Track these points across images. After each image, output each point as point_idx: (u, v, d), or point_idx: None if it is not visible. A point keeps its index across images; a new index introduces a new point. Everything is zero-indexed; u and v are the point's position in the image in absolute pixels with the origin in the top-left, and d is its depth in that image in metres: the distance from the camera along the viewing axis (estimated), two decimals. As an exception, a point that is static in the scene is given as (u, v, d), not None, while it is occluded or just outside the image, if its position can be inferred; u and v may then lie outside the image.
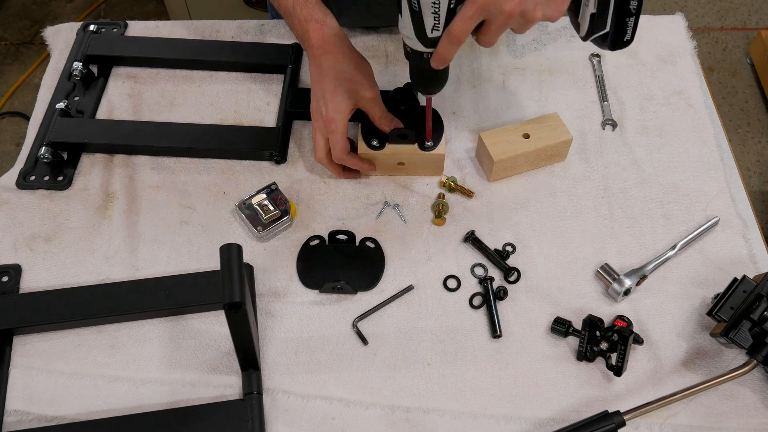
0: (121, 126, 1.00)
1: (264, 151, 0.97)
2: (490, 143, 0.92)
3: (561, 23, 1.13)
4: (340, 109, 0.88)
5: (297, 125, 1.03)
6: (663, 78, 1.08)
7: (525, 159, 0.94)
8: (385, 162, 0.95)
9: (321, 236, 0.91)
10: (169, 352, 0.83)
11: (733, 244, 0.91)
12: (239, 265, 0.67)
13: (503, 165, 0.93)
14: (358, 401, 0.80)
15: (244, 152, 0.98)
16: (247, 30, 1.13)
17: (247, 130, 1.00)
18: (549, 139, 0.93)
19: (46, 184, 0.96)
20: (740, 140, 2.27)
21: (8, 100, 2.36)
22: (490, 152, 0.92)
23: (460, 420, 0.79)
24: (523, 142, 0.93)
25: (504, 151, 0.92)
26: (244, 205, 0.92)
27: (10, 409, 0.79)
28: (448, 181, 0.95)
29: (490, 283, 0.86)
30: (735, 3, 2.64)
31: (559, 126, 0.94)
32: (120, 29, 1.12)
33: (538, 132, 0.94)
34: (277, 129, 1.00)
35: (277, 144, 0.97)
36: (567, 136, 0.94)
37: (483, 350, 0.83)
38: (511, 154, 0.92)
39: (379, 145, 0.92)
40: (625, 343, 0.78)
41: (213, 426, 0.76)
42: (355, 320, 0.85)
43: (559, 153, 0.96)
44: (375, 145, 0.92)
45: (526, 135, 0.93)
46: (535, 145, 0.93)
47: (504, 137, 0.93)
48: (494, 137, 0.93)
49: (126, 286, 0.86)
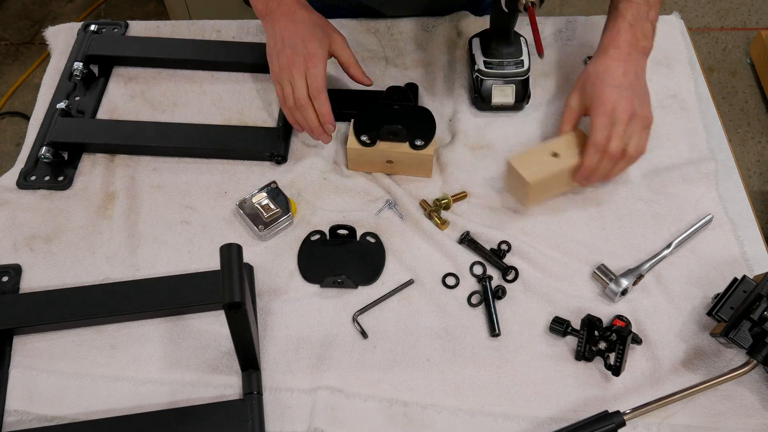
0: (122, 126, 1.00)
1: (265, 151, 0.97)
2: (520, 167, 0.88)
3: (555, 27, 1.13)
4: (321, 46, 0.92)
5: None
6: (658, 81, 1.07)
7: (559, 178, 0.90)
8: (374, 159, 0.95)
9: (322, 231, 0.92)
10: (169, 352, 0.83)
11: (725, 243, 0.91)
12: (239, 265, 0.67)
13: (539, 188, 0.89)
14: (356, 393, 0.80)
15: (246, 152, 0.98)
16: (248, 30, 1.14)
17: (249, 130, 1.00)
18: (579, 155, 0.89)
19: (46, 184, 0.96)
20: (740, 140, 2.27)
21: (8, 100, 2.36)
22: (523, 175, 0.87)
23: (458, 417, 0.79)
24: (554, 161, 0.89)
25: (537, 172, 0.88)
26: (244, 204, 0.92)
27: (10, 409, 0.79)
28: (430, 208, 0.93)
29: (489, 281, 0.87)
30: (735, 3, 2.64)
31: (585, 141, 0.89)
32: (121, 29, 1.12)
33: (566, 149, 0.90)
34: (278, 129, 1.00)
35: (279, 144, 0.98)
36: None
37: (481, 348, 0.83)
38: (545, 174, 0.88)
39: (369, 141, 0.93)
40: (623, 342, 0.79)
41: (213, 426, 0.76)
42: (355, 314, 0.86)
43: None
44: (366, 141, 0.93)
45: (554, 154, 0.90)
46: (567, 163, 0.89)
47: (533, 159, 0.89)
48: (523, 161, 0.89)
49: (126, 286, 0.86)
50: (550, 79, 1.08)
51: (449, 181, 0.97)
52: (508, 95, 1.00)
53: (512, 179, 0.91)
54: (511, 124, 1.03)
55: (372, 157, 0.94)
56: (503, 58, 0.99)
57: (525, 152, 0.91)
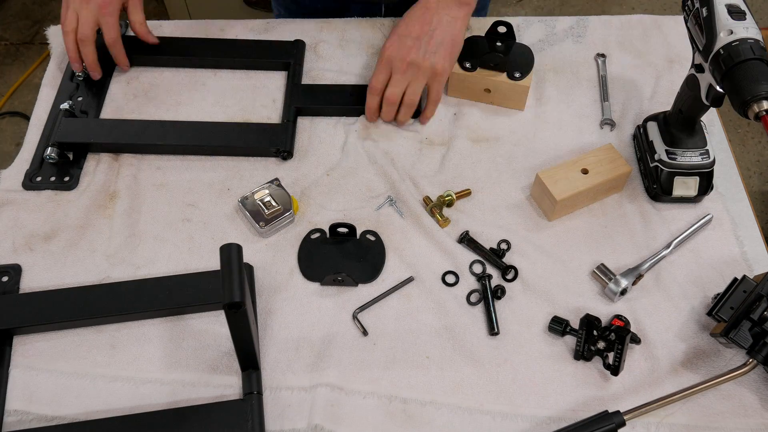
0: (126, 125, 1.01)
1: (270, 147, 0.98)
2: (549, 182, 0.89)
3: (568, 24, 1.14)
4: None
5: (303, 121, 1.03)
6: (668, 78, 1.08)
7: (586, 195, 0.91)
8: (473, 86, 1.02)
9: (322, 229, 0.92)
10: (169, 352, 0.83)
11: (724, 243, 0.91)
12: (239, 265, 0.68)
13: (565, 204, 0.90)
14: (356, 390, 0.80)
15: (251, 149, 0.99)
16: (252, 29, 1.14)
17: (254, 127, 1.01)
18: (608, 172, 0.90)
19: (53, 184, 0.97)
20: (740, 140, 2.28)
21: (8, 100, 2.36)
22: (552, 191, 0.89)
23: (457, 414, 0.79)
24: (583, 177, 0.90)
25: (565, 189, 0.89)
26: (246, 200, 0.92)
27: (10, 409, 0.79)
28: (432, 203, 0.94)
29: (488, 280, 0.87)
30: (735, 3, 2.64)
31: (616, 158, 0.91)
32: (122, 29, 1.12)
33: (596, 166, 0.91)
34: (283, 125, 1.00)
35: (285, 140, 0.98)
36: (625, 167, 0.91)
37: (480, 347, 0.84)
38: (573, 191, 0.89)
39: (470, 67, 1.00)
40: (622, 342, 0.79)
41: (213, 426, 0.76)
42: (355, 311, 0.86)
43: (617, 185, 0.94)
44: (467, 66, 1.00)
45: (584, 170, 0.90)
46: (596, 180, 0.90)
47: (562, 174, 0.90)
48: (552, 175, 0.90)
49: (126, 286, 0.87)
50: (560, 76, 1.08)
51: (453, 177, 0.97)
52: (690, 188, 0.92)
53: (539, 191, 0.92)
54: (518, 120, 1.03)
55: (472, 83, 1.01)
56: (687, 148, 0.92)
57: (555, 167, 0.91)
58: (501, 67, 0.99)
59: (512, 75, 0.99)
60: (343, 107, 1.03)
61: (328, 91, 1.05)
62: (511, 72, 0.99)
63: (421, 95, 0.99)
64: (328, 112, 1.04)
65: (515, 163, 0.99)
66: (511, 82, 0.99)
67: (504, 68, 0.99)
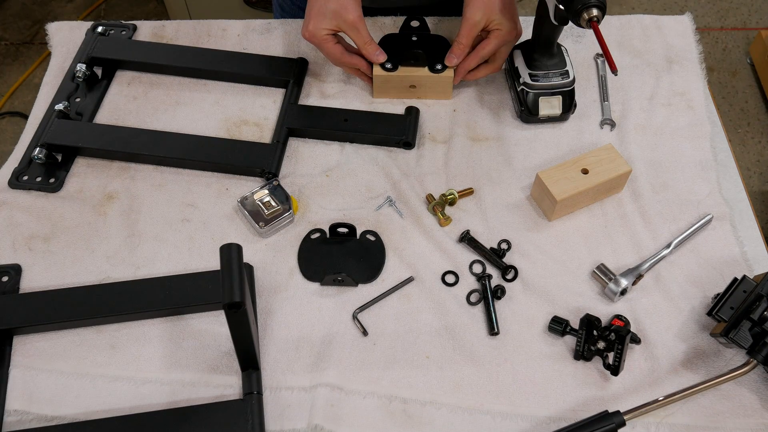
0: (117, 132, 1.00)
1: (256, 167, 0.96)
2: (549, 182, 0.90)
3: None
4: (319, 26, 0.96)
5: (295, 141, 1.02)
6: (667, 78, 1.08)
7: (586, 195, 0.91)
8: (398, 85, 1.02)
9: (322, 229, 0.92)
10: (169, 352, 0.83)
11: (724, 243, 0.91)
12: (239, 265, 0.68)
13: (565, 203, 0.90)
14: (356, 390, 0.80)
15: (237, 167, 0.97)
16: (253, 29, 1.14)
17: (243, 144, 0.99)
18: (608, 172, 0.91)
19: (37, 185, 0.96)
20: (740, 140, 2.28)
21: (8, 100, 2.36)
22: (552, 191, 0.89)
23: (457, 414, 0.79)
24: (583, 177, 0.90)
25: (565, 189, 0.89)
26: (246, 200, 0.92)
27: (10, 409, 0.79)
28: (435, 201, 0.94)
29: (488, 280, 0.87)
30: (735, 3, 2.64)
31: (616, 158, 0.92)
32: (129, 32, 1.12)
33: (595, 166, 0.91)
34: (273, 145, 0.98)
35: (271, 162, 0.96)
36: (625, 167, 0.91)
37: (480, 346, 0.84)
38: (573, 191, 0.89)
39: (391, 66, 1.01)
40: (622, 342, 0.79)
41: (213, 426, 0.76)
42: (355, 311, 0.86)
43: (617, 185, 0.94)
44: (388, 67, 1.01)
45: (584, 170, 0.91)
46: (596, 180, 0.90)
47: (562, 174, 0.90)
48: (552, 175, 0.90)
49: (126, 286, 0.87)
50: None
51: (454, 176, 0.97)
52: (555, 107, 1.00)
53: (539, 191, 0.92)
54: (518, 119, 1.03)
55: (396, 83, 1.02)
56: (548, 70, 0.98)
57: (555, 167, 0.91)
58: (422, 62, 1.00)
59: (434, 68, 1.00)
60: (338, 132, 1.00)
61: (322, 114, 1.02)
62: (433, 65, 1.00)
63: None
64: (322, 135, 1.01)
65: (515, 163, 0.99)
66: (435, 75, 1.00)
67: (425, 63, 1.00)
